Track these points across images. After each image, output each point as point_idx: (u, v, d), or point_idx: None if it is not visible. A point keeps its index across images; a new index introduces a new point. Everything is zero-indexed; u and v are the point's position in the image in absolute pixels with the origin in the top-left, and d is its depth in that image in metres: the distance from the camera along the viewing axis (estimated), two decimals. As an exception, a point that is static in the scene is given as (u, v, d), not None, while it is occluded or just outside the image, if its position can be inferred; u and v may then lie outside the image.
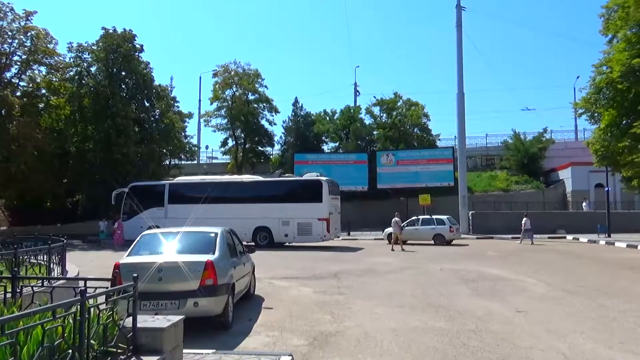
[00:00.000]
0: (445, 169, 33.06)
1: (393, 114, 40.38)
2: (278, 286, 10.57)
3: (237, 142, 41.93)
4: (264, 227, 21.29)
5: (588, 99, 21.30)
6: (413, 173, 33.61)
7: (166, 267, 6.67)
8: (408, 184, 33.42)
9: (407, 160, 34.15)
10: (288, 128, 39.75)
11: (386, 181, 34.16)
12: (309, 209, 20.75)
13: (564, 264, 14.74)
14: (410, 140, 39.29)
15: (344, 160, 35.12)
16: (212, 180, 23.43)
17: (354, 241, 25.19)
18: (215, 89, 41.32)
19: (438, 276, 12.02)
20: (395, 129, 39.23)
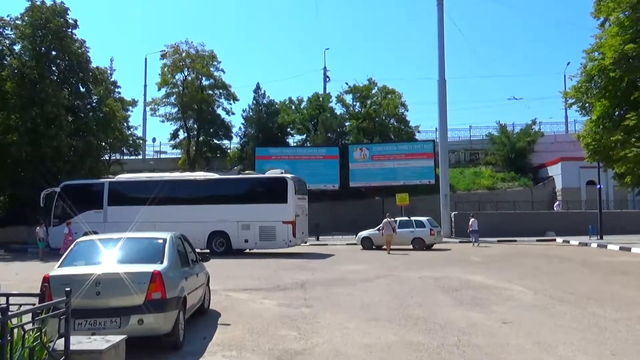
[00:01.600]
0: (425, 165, 33.66)
1: (367, 103, 40.75)
2: (237, 299, 10.52)
3: (189, 134, 41.43)
4: (220, 231, 21.13)
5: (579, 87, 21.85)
6: (389, 169, 34.07)
7: (105, 279, 6.55)
8: (384, 181, 33.85)
9: (383, 155, 34.58)
10: (248, 118, 39.54)
11: (360, 179, 34.49)
12: (272, 210, 20.71)
13: (552, 269, 15.24)
14: (387, 132, 39.78)
15: (312, 155, 35.25)
16: (159, 178, 23.09)
17: (324, 247, 25.28)
18: (164, 72, 40.65)
19: (417, 285, 12.21)
20: (369, 119, 39.63)
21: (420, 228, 22.95)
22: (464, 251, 21.97)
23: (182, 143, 41.92)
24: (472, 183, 36.71)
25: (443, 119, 30.95)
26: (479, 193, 35.41)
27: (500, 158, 38.11)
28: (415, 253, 21.31)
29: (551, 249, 22.27)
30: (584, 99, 21.99)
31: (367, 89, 40.27)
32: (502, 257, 19.19)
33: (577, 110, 23.43)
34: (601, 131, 21.11)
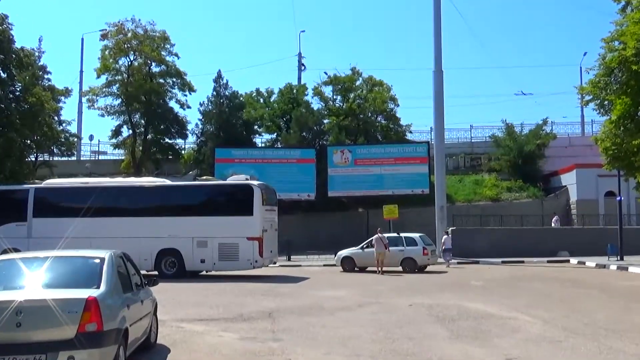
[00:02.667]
0: (418, 171, 34.04)
1: (350, 97, 41.05)
2: (190, 331, 10.46)
3: (135, 131, 41.04)
4: (171, 249, 20.97)
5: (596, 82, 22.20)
6: (376, 176, 34.35)
7: (28, 308, 6.46)
8: (369, 190, 34.10)
9: (369, 159, 34.86)
10: (207, 113, 39.42)
11: (340, 187, 34.68)
12: (234, 224, 20.67)
13: (565, 295, 15.56)
14: (373, 132, 40.14)
15: (283, 159, 35.35)
16: (97, 184, 22.87)
17: (297, 268, 25.33)
18: (104, 56, 40.15)
19: (406, 314, 12.31)
20: (352, 116, 39.94)
21: (412, 246, 23.13)
22: (463, 274, 22.25)
23: (126, 142, 41.46)
24: (473, 193, 37.27)
25: (439, 116, 31.34)
26: (480, 205, 35.95)
27: (506, 164, 38.78)
28: (406, 276, 21.47)
29: (564, 272, 22.68)
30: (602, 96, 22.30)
31: (350, 80, 40.61)
32: (507, 281, 19.46)
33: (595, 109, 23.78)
34: (622, 133, 21.32)
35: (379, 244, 22.12)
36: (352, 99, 40.87)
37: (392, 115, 40.27)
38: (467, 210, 34.80)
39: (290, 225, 31.23)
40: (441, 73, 31.32)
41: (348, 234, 30.59)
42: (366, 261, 23.19)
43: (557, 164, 38.19)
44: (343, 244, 26.16)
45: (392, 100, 40.47)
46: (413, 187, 33.88)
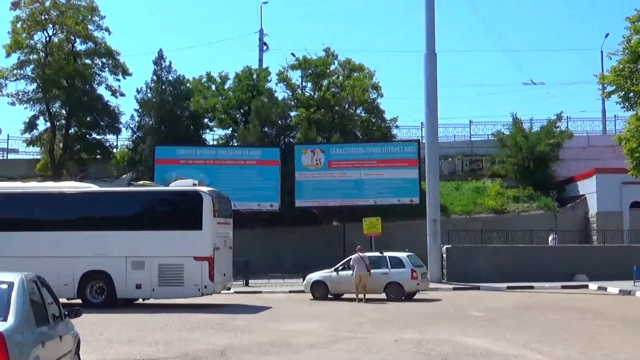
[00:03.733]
0: (407, 176, 34.20)
1: (323, 84, 41.17)
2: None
3: (55, 124, 40.50)
4: (99, 272, 20.76)
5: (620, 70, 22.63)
6: (354, 182, 34.43)
7: None
8: (346, 200, 34.16)
9: (346, 162, 34.93)
10: (146, 102, 39.11)
11: (310, 195, 34.67)
12: (179, 241, 20.59)
13: (583, 328, 15.78)
14: (351, 127, 40.31)
15: (240, 160, 35.22)
16: (5, 190, 22.59)
17: (256, 295, 25.31)
18: (16, 30, 39.55)
19: (391, 352, 12.34)
20: (326, 108, 40.05)
21: (398, 268, 23.20)
22: (460, 302, 22.39)
23: (43, 138, 40.85)
24: (473, 203, 37.67)
25: (432, 109, 31.50)
26: (482, 218, 36.34)
27: (513, 168, 39.20)
28: (391, 305, 21.53)
29: (582, 300, 23.00)
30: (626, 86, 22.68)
31: (324, 63, 40.76)
32: (513, 311, 19.67)
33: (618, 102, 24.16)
34: (651, 132, 21.83)
35: (359, 265, 22.17)
36: (326, 87, 40.98)
37: (375, 108, 40.51)
38: (466, 224, 35.10)
39: (249, 242, 30.97)
40: (434, 56, 31.49)
41: (320, 253, 30.51)
42: (342, 286, 23.19)
43: (574, 169, 38.76)
44: (314, 266, 26.08)
45: (374, 89, 40.71)
46: (400, 196, 34.02)
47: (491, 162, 40.83)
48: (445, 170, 39.55)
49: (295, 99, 41.39)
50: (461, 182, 39.78)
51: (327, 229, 35.83)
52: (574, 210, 37.04)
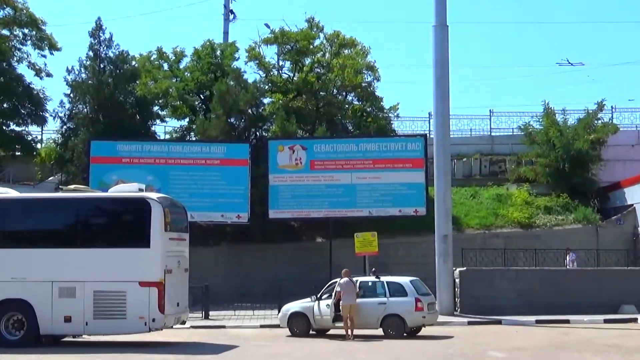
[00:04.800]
0: (410, 180, 34.20)
1: (305, 64, 41.13)
2: None
3: (-38, 113, 40.16)
4: (16, 300, 20.60)
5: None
6: (345, 188, 34.39)
7: None
8: (333, 209, 34.09)
9: (333, 161, 34.88)
10: (79, 85, 38.93)
11: (288, 203, 34.58)
12: (120, 261, 20.51)
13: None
14: (340, 118, 40.34)
15: (199, 159, 35.08)
16: None
17: (219, 331, 25.23)
18: None
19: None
20: (308, 94, 39.98)
21: (398, 297, 23.10)
22: (477, 340, 22.35)
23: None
24: (494, 215, 37.75)
25: (442, 95, 31.40)
26: (504, 233, 36.42)
27: (544, 170, 39.35)
28: (389, 343, 21.42)
29: (629, 338, 22.93)
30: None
31: (306, 37, 40.69)
32: (544, 352, 19.59)
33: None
34: None
35: (348, 291, 22.10)
36: (309, 67, 40.97)
37: (370, 94, 40.64)
38: (484, 242, 35.22)
39: (210, 262, 30.97)
40: (445, 29, 31.45)
41: (300, 277, 30.52)
42: (328, 319, 23.11)
43: (619, 172, 38.96)
44: (292, 293, 26.05)
45: (369, 70, 40.75)
46: (402, 205, 33.98)
47: (517, 163, 41.00)
48: (459, 173, 39.65)
49: (269, 82, 41.44)
50: (479, 188, 39.92)
51: (310, 247, 35.94)
52: (620, 223, 37.13)
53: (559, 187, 38.78)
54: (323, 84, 40.27)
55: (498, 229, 36.79)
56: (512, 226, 36.98)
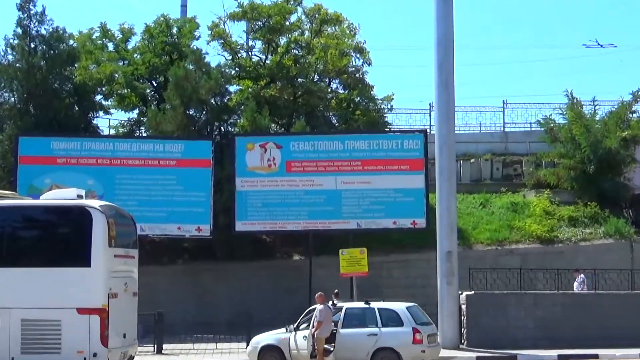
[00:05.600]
0: (407, 186, 34.22)
1: (280, 44, 41.09)
2: None
3: None
4: None
5: None
6: (327, 195, 34.41)
7: None
8: (314, 221, 34.07)
9: (314, 162, 34.87)
10: (4, 69, 38.80)
11: (259, 213, 34.54)
12: (54, 283, 20.32)
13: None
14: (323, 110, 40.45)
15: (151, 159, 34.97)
16: None
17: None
18: None
19: None
20: (284, 80, 39.95)
21: (392, 327, 23.28)
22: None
23: None
24: (508, 228, 37.78)
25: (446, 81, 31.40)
26: (521, 250, 36.49)
27: (568, 173, 39.39)
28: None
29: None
30: None
31: (281, 11, 40.67)
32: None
33: None
34: None
35: (327, 320, 22.34)
36: (284, 48, 41.03)
37: (359, 81, 40.73)
38: (496, 260, 35.18)
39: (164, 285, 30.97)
40: (449, 2, 31.42)
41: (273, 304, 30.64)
42: (306, 354, 23.11)
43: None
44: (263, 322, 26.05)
45: (357, 52, 40.80)
46: (397, 216, 34.00)
47: (535, 165, 41.16)
48: (465, 176, 39.76)
49: (237, 66, 41.55)
50: (490, 195, 40.03)
51: (285, 266, 36.04)
52: (660, 238, 37.26)
53: (586, 194, 38.80)
54: (302, 69, 40.33)
55: (513, 245, 36.82)
56: (530, 241, 37.03)
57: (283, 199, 34.50)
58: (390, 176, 34.36)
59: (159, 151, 35.41)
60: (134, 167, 34.30)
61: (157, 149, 35.53)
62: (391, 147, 35.35)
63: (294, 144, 35.41)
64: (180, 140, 35.97)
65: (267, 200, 34.53)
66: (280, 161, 34.90)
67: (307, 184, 34.61)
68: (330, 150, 35.20)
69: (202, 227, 34.43)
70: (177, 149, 35.42)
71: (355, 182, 34.42)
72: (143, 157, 35.06)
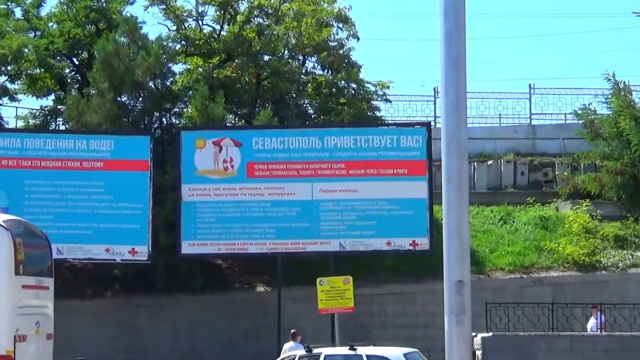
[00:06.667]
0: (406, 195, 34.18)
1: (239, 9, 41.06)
2: None
3: None
4: None
5: None
6: (301, 206, 34.36)
7: None
8: (284, 241, 34.01)
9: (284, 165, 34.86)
10: None
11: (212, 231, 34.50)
12: None
13: None
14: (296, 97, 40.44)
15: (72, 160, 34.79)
16: None
17: None
18: None
19: None
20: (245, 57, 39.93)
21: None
22: None
23: None
24: (535, 250, 37.92)
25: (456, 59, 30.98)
26: (553, 279, 36.62)
27: (614, 180, 39.53)
28: None
29: None
30: None
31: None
32: None
33: None
34: None
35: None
36: (245, 16, 40.92)
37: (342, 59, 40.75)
38: (521, 292, 35.38)
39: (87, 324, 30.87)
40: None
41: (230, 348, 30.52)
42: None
43: None
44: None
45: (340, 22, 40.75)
46: (392, 234, 33.95)
47: (571, 169, 41.30)
48: (481, 183, 39.97)
49: (184, 39, 41.61)
50: (513, 208, 40.14)
51: (247, 300, 35.96)
52: None
53: (637, 206, 39.05)
54: (267, 43, 40.30)
55: (542, 272, 36.87)
56: (565, 268, 37.12)
57: (244, 212, 34.36)
58: (383, 183, 34.28)
59: (81, 149, 35.08)
60: (48, 171, 34.01)
61: (79, 147, 35.18)
62: (385, 145, 35.24)
63: (257, 141, 35.25)
64: (110, 136, 35.65)
65: (222, 213, 34.43)
66: (239, 163, 34.75)
67: (275, 192, 34.47)
68: (305, 148, 35.10)
69: (138, 249, 34.18)
70: (105, 146, 35.10)
71: (337, 190, 34.30)
72: (61, 157, 34.75)
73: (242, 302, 35.64)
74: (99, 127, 36.08)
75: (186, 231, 34.18)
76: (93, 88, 37.43)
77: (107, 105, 36.77)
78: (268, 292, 34.40)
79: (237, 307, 35.25)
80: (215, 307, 35.17)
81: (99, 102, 36.84)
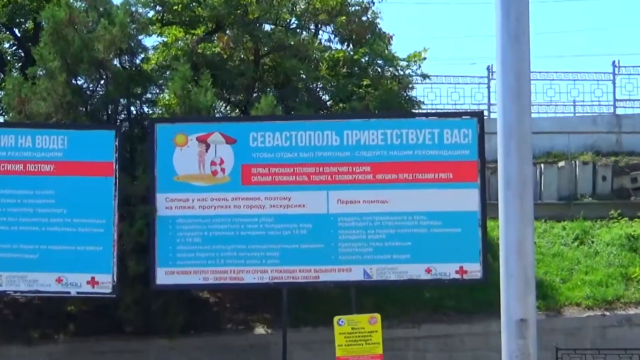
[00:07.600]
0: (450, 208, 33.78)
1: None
2: None
3: None
4: None
5: None
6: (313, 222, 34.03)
7: None
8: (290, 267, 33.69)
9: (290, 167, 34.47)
10: None
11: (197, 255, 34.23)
12: None
13: None
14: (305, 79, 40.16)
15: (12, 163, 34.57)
16: None
17: None
18: None
19: None
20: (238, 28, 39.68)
21: None
22: None
23: None
24: (623, 279, 37.86)
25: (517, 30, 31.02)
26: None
27: None
28: None
29: None
30: None
31: None
32: None
33: None
34: None
35: None
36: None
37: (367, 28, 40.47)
38: (603, 334, 35.28)
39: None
40: None
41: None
42: None
43: None
44: None
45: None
46: (433, 259, 33.42)
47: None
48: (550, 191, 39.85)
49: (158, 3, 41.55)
50: (592, 224, 40.14)
51: (242, 345, 35.78)
52: None
53: None
54: (268, 9, 40.03)
55: (632, 309, 36.69)
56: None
57: (238, 229, 33.92)
58: (421, 191, 33.76)
59: (25, 148, 34.78)
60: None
61: (21, 145, 34.93)
62: (423, 142, 34.73)
63: (255, 137, 34.77)
64: (63, 130, 35.29)
65: (210, 231, 34.01)
66: (232, 165, 34.33)
67: (279, 204, 34.02)
68: (319, 146, 34.63)
69: (99, 279, 33.78)
70: (56, 144, 34.72)
71: (361, 200, 33.78)
72: (0, 158, 34.62)
73: (235, 348, 35.48)
74: (47, 119, 35.84)
75: (162, 255, 33.75)
76: (40, 68, 37.27)
77: (58, 90, 36.47)
78: (270, 335, 34.20)
79: (229, 354, 35.11)
80: (200, 354, 35.03)
81: (48, 86, 36.59)
